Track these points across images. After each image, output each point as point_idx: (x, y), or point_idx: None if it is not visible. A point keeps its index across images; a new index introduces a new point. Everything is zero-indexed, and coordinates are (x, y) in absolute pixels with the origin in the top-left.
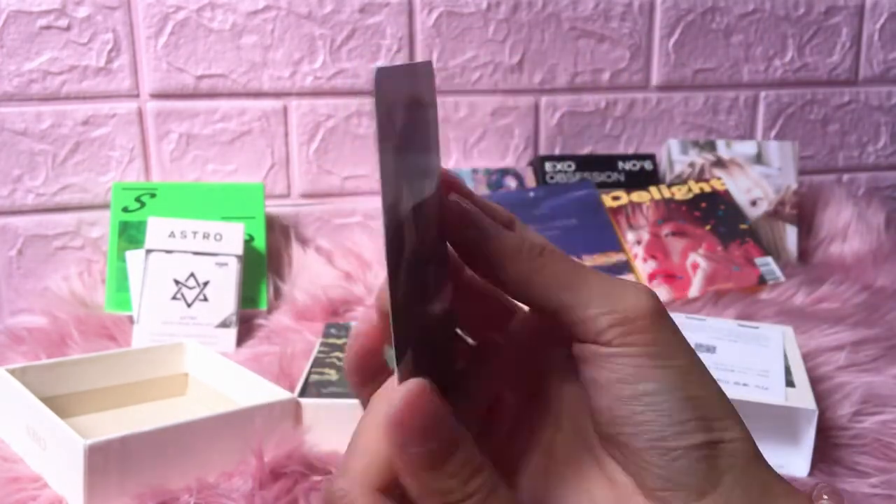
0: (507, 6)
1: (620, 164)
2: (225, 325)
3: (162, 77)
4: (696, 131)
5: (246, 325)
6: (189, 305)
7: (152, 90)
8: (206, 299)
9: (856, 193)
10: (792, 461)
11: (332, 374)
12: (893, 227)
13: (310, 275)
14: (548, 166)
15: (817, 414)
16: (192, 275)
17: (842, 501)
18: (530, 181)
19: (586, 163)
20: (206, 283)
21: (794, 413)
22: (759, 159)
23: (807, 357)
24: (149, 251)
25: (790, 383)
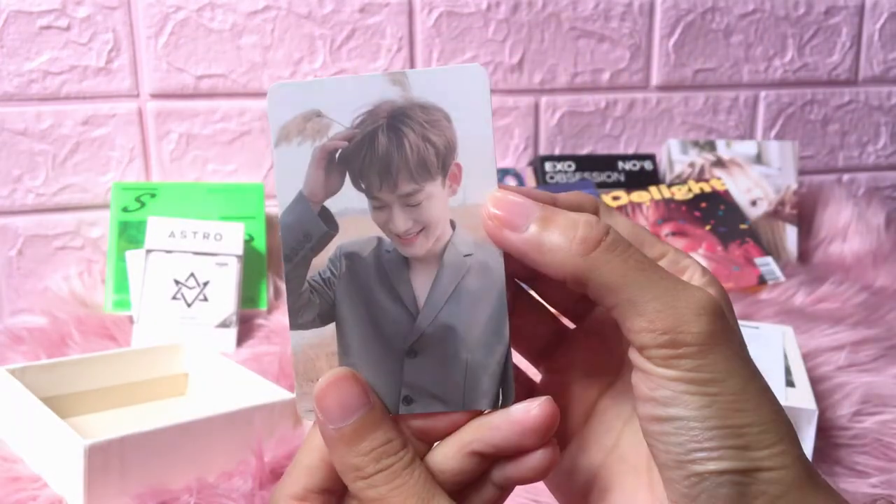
0: (507, 6)
1: (620, 164)
2: (225, 325)
3: (162, 77)
4: (696, 131)
5: (246, 325)
6: (189, 305)
7: (152, 90)
8: (206, 299)
9: (856, 193)
10: None
11: None
12: (893, 227)
13: None
14: (548, 166)
15: (817, 414)
16: (192, 275)
17: None
18: (530, 181)
19: (586, 163)
20: (206, 283)
21: (794, 413)
22: (759, 159)
23: (807, 357)
24: (149, 251)
25: (790, 383)
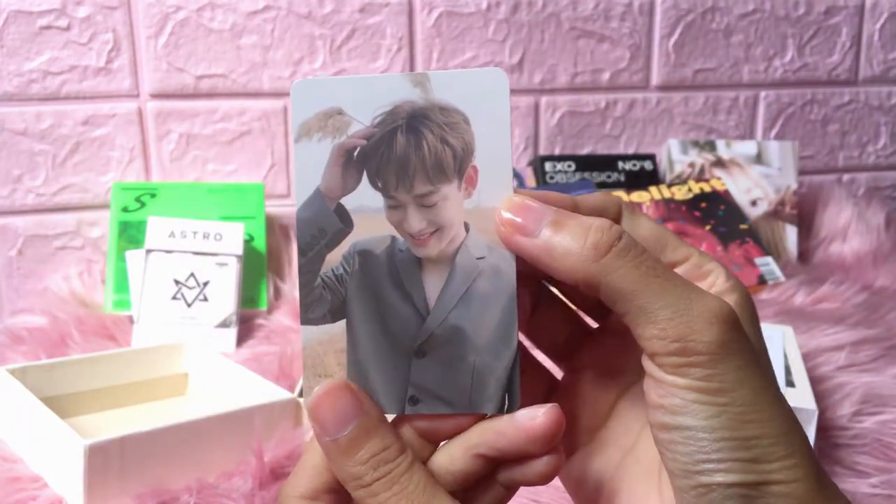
0: (507, 6)
1: (620, 164)
2: (225, 325)
3: (162, 77)
4: (696, 131)
5: (246, 325)
6: (189, 305)
7: (152, 90)
8: (206, 299)
9: (856, 193)
10: None
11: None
12: (893, 227)
13: None
14: (548, 166)
15: (817, 414)
16: (192, 275)
17: None
18: (530, 181)
19: (586, 163)
20: (206, 283)
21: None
22: (759, 159)
23: (807, 357)
24: (149, 251)
25: (790, 383)
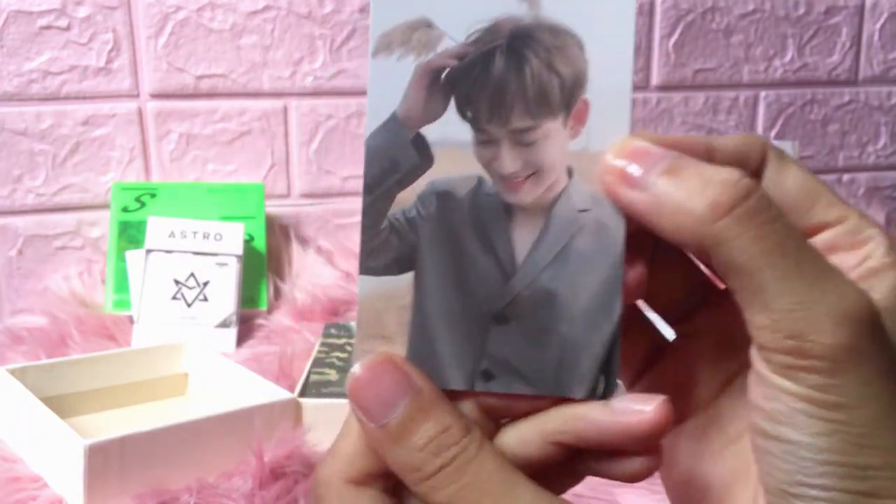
0: None
1: None
2: (225, 325)
3: (162, 77)
4: (696, 131)
5: (246, 325)
6: (189, 305)
7: (152, 90)
8: (206, 299)
9: (856, 193)
10: None
11: (332, 374)
12: (893, 227)
13: (310, 275)
14: None
15: None
16: (192, 275)
17: None
18: None
19: None
20: (206, 283)
21: None
22: None
23: None
24: (149, 251)
25: None
